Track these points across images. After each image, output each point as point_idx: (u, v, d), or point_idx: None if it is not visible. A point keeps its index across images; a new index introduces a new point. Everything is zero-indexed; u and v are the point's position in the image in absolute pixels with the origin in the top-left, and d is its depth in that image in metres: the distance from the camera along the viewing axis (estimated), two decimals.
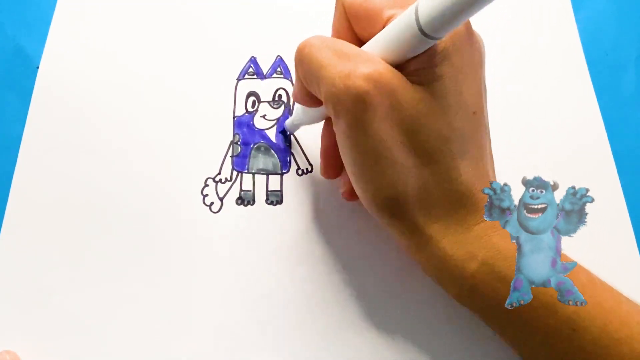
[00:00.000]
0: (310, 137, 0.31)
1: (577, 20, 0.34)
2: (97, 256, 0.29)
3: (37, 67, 0.33)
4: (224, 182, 0.30)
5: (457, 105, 0.22)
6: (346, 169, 0.24)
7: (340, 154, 0.24)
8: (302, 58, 0.22)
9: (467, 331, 0.27)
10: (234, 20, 0.35)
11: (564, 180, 0.30)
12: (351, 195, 0.27)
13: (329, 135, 0.27)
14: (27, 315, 0.27)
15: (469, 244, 0.22)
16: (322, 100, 0.22)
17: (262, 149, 0.31)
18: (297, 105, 0.28)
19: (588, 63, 0.33)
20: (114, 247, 0.29)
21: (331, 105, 0.21)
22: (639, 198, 0.30)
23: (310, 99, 0.24)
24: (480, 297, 0.22)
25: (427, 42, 0.19)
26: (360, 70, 0.20)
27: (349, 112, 0.21)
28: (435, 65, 0.21)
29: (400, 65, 0.21)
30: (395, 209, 0.23)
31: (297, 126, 0.30)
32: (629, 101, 0.33)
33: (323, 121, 0.28)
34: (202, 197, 0.30)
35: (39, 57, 0.34)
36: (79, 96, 0.33)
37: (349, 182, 0.26)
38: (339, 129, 0.22)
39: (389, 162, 0.22)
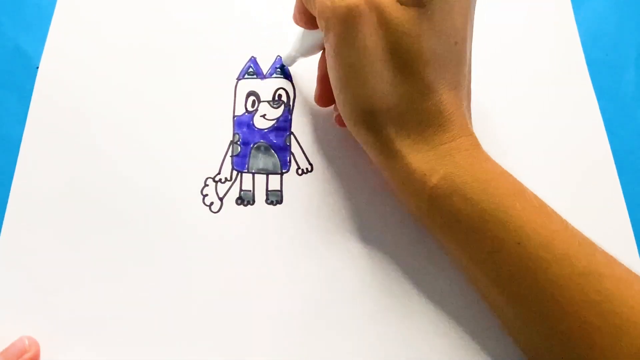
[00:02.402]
0: (310, 137, 0.31)
1: (577, 20, 0.34)
2: (98, 256, 0.29)
3: (37, 67, 0.33)
4: (224, 182, 0.30)
5: (440, 32, 0.23)
6: (332, 84, 0.26)
7: (328, 70, 0.25)
8: None
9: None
10: (234, 20, 0.35)
11: (564, 180, 0.30)
12: (342, 122, 0.28)
13: (325, 64, 0.28)
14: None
15: (433, 160, 0.24)
16: (316, 16, 0.24)
17: (262, 148, 0.31)
18: (294, 37, 0.30)
19: (588, 63, 0.33)
20: (114, 247, 0.29)
21: (323, 19, 0.23)
22: (639, 198, 0.30)
23: (308, 18, 0.26)
24: (438, 209, 0.24)
25: None
26: None
27: (339, 25, 0.23)
28: None
29: None
30: (371, 122, 0.24)
31: (294, 59, 0.31)
32: (629, 101, 0.33)
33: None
34: (202, 197, 0.30)
35: (39, 57, 0.34)
36: (78, 96, 0.33)
37: None
38: (329, 44, 0.24)
39: (370, 75, 0.23)
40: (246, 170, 0.31)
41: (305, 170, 0.31)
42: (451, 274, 0.28)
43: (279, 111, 0.32)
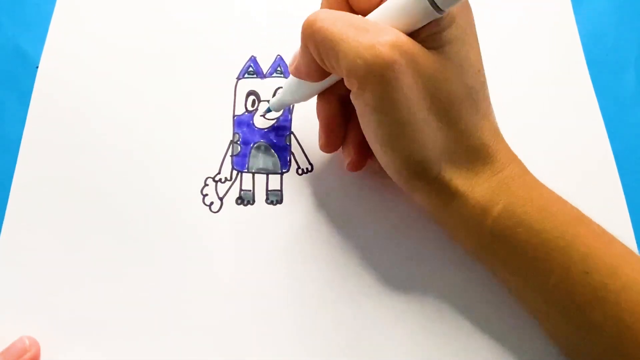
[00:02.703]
0: (310, 137, 0.31)
1: (577, 20, 0.34)
2: (98, 256, 0.28)
3: (37, 67, 0.33)
4: (224, 182, 0.30)
5: (467, 65, 0.23)
6: (372, 142, 0.24)
7: (364, 128, 0.24)
8: (314, 33, 0.22)
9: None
10: (234, 20, 0.35)
11: (564, 180, 0.30)
12: (355, 166, 0.27)
13: (327, 109, 0.27)
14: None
15: (490, 193, 0.23)
16: (343, 74, 0.22)
17: (262, 148, 0.31)
18: (288, 83, 0.28)
19: (588, 63, 0.33)
20: (114, 247, 0.29)
21: (356, 78, 0.22)
22: (639, 198, 0.30)
23: (318, 73, 0.24)
24: (501, 242, 0.23)
25: (438, 14, 0.21)
26: (384, 40, 0.21)
27: (377, 83, 0.21)
28: (444, 30, 0.22)
29: (410, 34, 0.22)
30: (425, 172, 0.24)
31: (284, 105, 0.30)
32: (629, 101, 0.33)
33: (313, 100, 0.28)
34: (201, 196, 0.30)
35: (39, 57, 0.34)
36: (78, 96, 0.33)
37: (353, 154, 0.27)
38: (364, 102, 0.22)
39: (418, 126, 0.22)
40: (246, 170, 0.31)
41: (305, 170, 0.31)
42: (455, 267, 0.28)
43: (279, 111, 0.32)
